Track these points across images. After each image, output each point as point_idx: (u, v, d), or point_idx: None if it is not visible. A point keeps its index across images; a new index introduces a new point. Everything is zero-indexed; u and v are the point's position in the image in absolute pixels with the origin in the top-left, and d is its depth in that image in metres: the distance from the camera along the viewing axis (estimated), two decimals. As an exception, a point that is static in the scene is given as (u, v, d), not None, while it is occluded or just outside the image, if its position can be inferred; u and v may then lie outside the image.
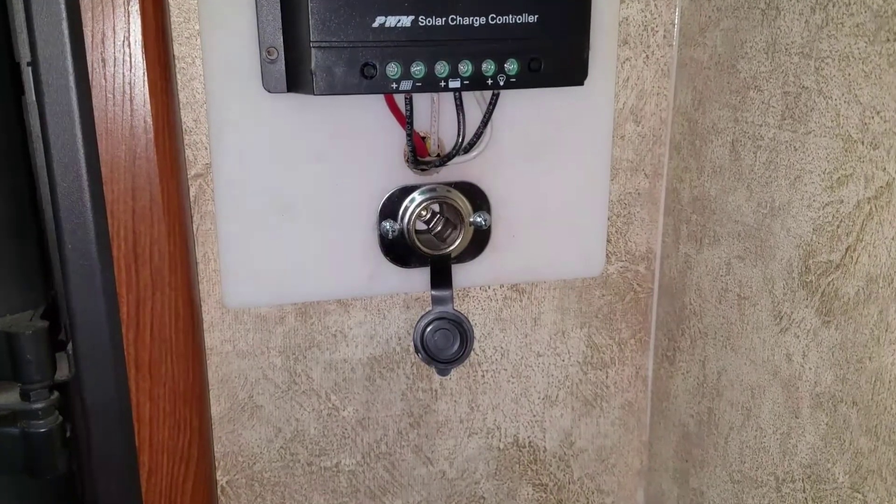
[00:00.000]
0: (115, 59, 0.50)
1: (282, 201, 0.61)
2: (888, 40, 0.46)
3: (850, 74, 0.49)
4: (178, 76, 0.58)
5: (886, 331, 0.48)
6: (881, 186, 0.47)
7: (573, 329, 0.72)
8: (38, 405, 0.51)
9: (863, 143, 0.48)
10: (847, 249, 0.50)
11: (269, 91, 0.58)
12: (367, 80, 0.53)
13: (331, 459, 0.70)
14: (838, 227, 0.51)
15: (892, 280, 0.47)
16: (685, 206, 0.67)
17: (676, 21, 0.65)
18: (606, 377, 0.74)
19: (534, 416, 0.74)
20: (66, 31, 0.49)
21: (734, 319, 0.62)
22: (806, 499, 0.56)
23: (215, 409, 0.66)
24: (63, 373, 0.55)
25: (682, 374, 0.70)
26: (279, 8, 0.56)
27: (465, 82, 0.54)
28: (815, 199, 0.53)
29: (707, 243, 0.64)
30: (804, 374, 0.55)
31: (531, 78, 0.55)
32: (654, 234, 0.70)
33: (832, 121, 0.51)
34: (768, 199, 0.57)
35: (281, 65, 0.57)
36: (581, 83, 0.57)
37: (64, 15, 0.49)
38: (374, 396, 0.70)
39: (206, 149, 0.60)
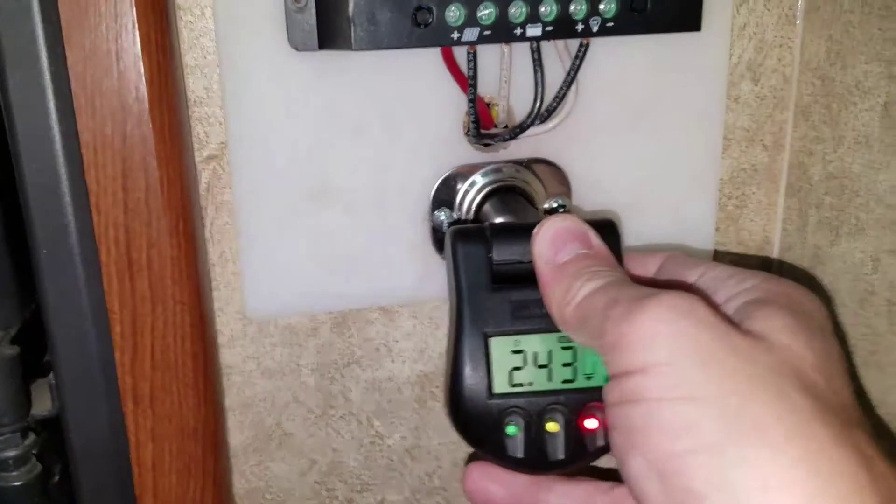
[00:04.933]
0: (98, 10, 0.38)
1: (314, 187, 0.50)
2: None
3: None
4: (184, 32, 0.46)
5: None
6: None
7: (666, 337, 0.60)
8: (10, 453, 0.40)
9: None
10: None
11: (296, 49, 0.46)
12: (420, 28, 0.41)
13: (374, 496, 0.59)
14: None
15: None
16: (816, 185, 0.54)
17: (806, -49, 0.52)
18: (705, 394, 0.62)
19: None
20: (30, -30, 0.37)
21: (882, 330, 0.49)
22: None
23: (237, 438, 0.55)
24: (44, 407, 0.44)
25: (804, 394, 0.57)
26: (307, -60, 0.44)
27: (548, 28, 0.42)
28: None
29: (846, 233, 0.51)
30: None
31: (634, 22, 0.43)
32: (773, 219, 0.58)
33: None
34: (941, 176, 0.44)
35: (311, 15, 0.45)
36: (697, 28, 0.44)
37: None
38: (424, 421, 0.58)
39: (220, 124, 0.48)
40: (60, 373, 0.42)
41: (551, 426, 0.42)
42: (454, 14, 0.41)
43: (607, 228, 0.43)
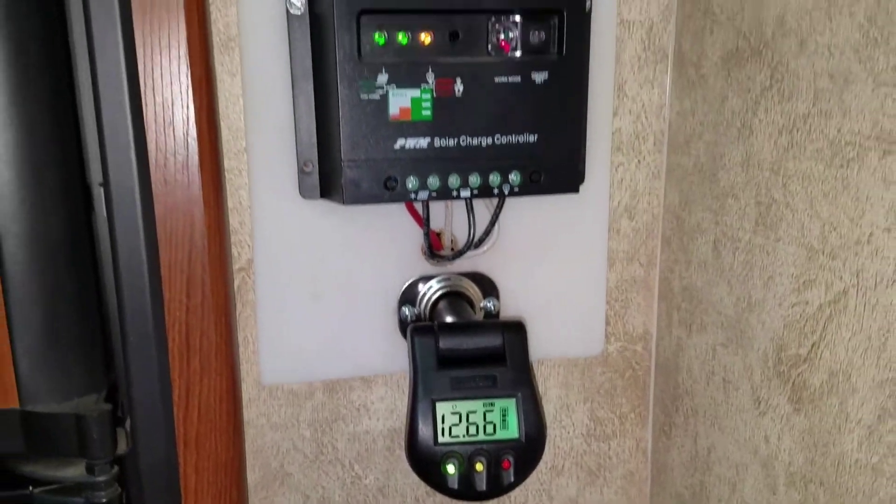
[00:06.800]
0: (175, 179, 0.58)
1: (314, 290, 0.69)
2: (841, 166, 0.53)
3: (811, 192, 0.56)
4: (227, 186, 0.66)
5: (846, 420, 0.54)
6: (839, 293, 0.54)
7: (577, 403, 0.78)
8: (101, 478, 0.58)
9: (823, 253, 0.55)
10: (812, 346, 0.57)
11: (304, 198, 0.66)
12: (389, 191, 0.61)
13: (354, 523, 0.76)
14: (805, 325, 0.57)
15: (849, 375, 0.53)
16: (676, 294, 0.73)
17: (665, 131, 0.73)
18: (609, 448, 0.80)
19: (541, 484, 0.79)
20: (133, 156, 0.57)
21: (720, 400, 0.68)
22: (787, 568, 0.62)
23: (251, 477, 0.73)
24: (121, 447, 0.62)
25: (677, 448, 0.76)
26: (314, 129, 0.64)
27: (475, 192, 0.62)
28: (785, 298, 0.59)
29: (696, 329, 0.71)
30: (780, 454, 0.61)
31: (532, 187, 0.63)
32: (651, 317, 0.77)
33: (798, 231, 0.57)
34: (746, 294, 0.64)
35: (315, 176, 0.65)
36: (576, 191, 0.65)
37: (132, 140, 0.57)
38: (393, 465, 0.76)
39: (248, 246, 0.68)
40: (135, 423, 0.61)
41: (478, 466, 0.61)
42: (412, 182, 0.61)
43: (516, 328, 0.63)
